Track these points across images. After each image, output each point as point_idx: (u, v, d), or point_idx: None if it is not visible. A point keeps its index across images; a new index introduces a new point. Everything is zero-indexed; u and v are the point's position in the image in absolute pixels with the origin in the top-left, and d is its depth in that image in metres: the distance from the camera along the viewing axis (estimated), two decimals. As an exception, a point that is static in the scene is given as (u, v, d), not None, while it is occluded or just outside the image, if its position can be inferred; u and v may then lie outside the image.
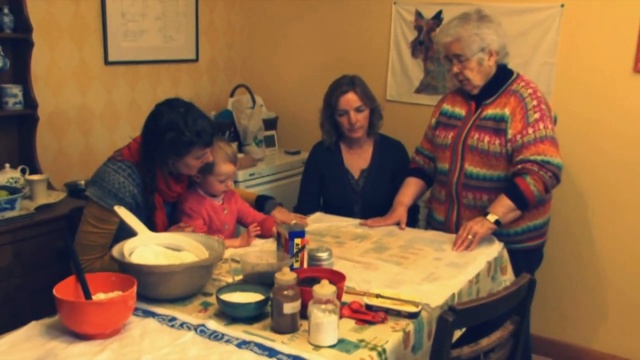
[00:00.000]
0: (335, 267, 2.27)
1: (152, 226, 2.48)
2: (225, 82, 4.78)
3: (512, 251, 2.83)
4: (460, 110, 2.99)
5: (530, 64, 3.68)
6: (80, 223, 2.47)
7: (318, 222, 3.05)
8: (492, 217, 2.71)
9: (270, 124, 4.50)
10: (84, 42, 3.75)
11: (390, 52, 4.25)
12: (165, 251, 2.21)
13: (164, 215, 2.58)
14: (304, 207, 3.38)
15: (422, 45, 4.12)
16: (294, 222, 2.68)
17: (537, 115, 2.76)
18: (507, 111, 2.81)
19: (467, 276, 2.40)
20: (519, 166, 2.73)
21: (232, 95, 4.53)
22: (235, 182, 3.92)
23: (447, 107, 3.07)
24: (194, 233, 2.41)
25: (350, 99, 3.22)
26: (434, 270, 2.44)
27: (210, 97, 4.67)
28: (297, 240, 2.33)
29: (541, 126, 2.74)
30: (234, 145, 4.05)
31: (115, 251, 2.13)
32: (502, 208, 2.72)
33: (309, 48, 4.63)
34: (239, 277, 2.23)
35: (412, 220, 3.21)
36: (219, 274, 2.33)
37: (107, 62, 3.88)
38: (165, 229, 2.56)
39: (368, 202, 3.31)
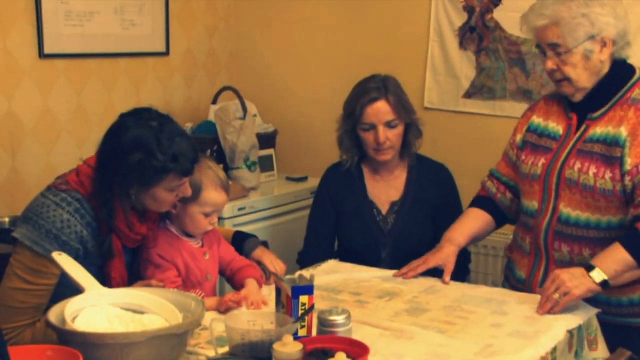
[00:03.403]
0: (355, 336, 2.27)
1: (106, 280, 2.49)
2: (206, 83, 4.82)
3: (616, 327, 2.80)
4: (556, 127, 2.92)
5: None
6: (5, 277, 2.47)
7: (331, 274, 3.05)
8: (598, 276, 2.60)
9: (266, 140, 4.52)
10: (9, 28, 3.79)
11: (429, 42, 4.28)
12: (122, 314, 2.21)
13: (123, 265, 2.59)
14: (313, 252, 3.39)
15: (474, 33, 4.15)
16: (298, 273, 2.69)
17: None
18: (623, 130, 2.72)
19: (538, 350, 2.37)
20: None
21: (214, 101, 4.56)
22: (219, 219, 3.93)
23: (537, 120, 2.99)
24: (163, 289, 2.42)
25: (381, 110, 3.24)
26: (492, 340, 2.43)
27: (185, 104, 4.70)
28: (303, 299, 2.33)
29: None
30: (217, 168, 4.07)
31: (52, 315, 2.13)
32: (615, 264, 2.62)
33: (319, 38, 4.67)
34: (223, 350, 2.24)
35: (461, 272, 3.21)
36: (196, 345, 2.33)
37: (41, 54, 3.93)
38: (124, 283, 2.57)
39: (400, 245, 3.32)
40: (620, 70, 2.79)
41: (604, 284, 2.61)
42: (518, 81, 4.11)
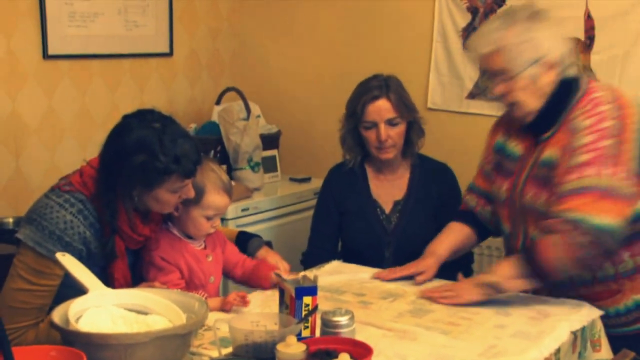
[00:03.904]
0: (358, 336, 2.27)
1: (109, 281, 2.49)
2: (210, 84, 4.82)
3: (611, 337, 2.77)
4: (516, 147, 2.91)
5: (632, 56, 3.73)
6: (8, 277, 2.47)
7: (335, 274, 3.06)
8: (490, 278, 2.68)
9: (270, 141, 4.53)
10: (13, 29, 3.80)
11: (433, 43, 4.28)
12: (126, 314, 2.21)
13: (126, 267, 2.59)
14: (317, 252, 3.40)
15: (478, 33, 4.15)
16: (302, 274, 2.69)
17: (586, 157, 2.60)
18: (557, 153, 2.71)
19: (541, 352, 2.37)
20: (550, 221, 2.61)
21: (218, 102, 4.57)
22: (223, 219, 3.94)
23: (501, 139, 2.99)
24: (166, 290, 2.42)
25: (382, 108, 3.25)
26: (495, 342, 2.43)
27: (188, 105, 4.71)
28: (307, 300, 2.33)
29: (588, 172, 2.58)
30: (220, 169, 4.07)
31: (56, 315, 2.13)
32: (510, 269, 2.66)
33: (323, 39, 4.67)
34: (227, 350, 2.24)
35: (464, 273, 3.20)
36: (199, 346, 2.33)
37: (46, 55, 3.93)
38: (127, 284, 2.57)
39: (403, 245, 3.32)
40: (566, 90, 2.77)
41: (496, 286, 2.65)
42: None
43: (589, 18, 3.90)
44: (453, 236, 3.12)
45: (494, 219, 3.05)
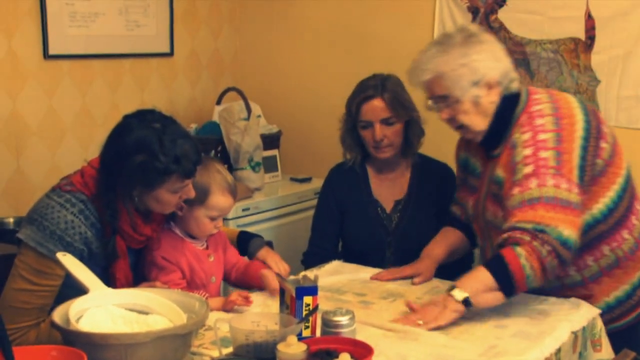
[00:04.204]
0: (359, 336, 2.27)
1: (111, 281, 2.49)
2: (210, 84, 4.83)
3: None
4: (476, 162, 2.95)
5: (633, 56, 3.74)
6: (9, 277, 2.48)
7: (336, 274, 3.06)
8: (459, 294, 2.55)
9: (270, 141, 4.53)
10: (14, 29, 3.80)
11: (434, 42, 4.28)
12: (127, 314, 2.21)
13: (127, 267, 2.60)
14: (317, 252, 3.40)
15: (479, 33, 4.15)
16: (302, 274, 2.70)
17: (528, 170, 2.61)
18: (503, 171, 2.73)
19: (542, 352, 2.38)
20: (506, 235, 2.59)
21: (219, 102, 4.57)
22: (224, 219, 3.93)
23: (463, 155, 3.04)
24: (167, 290, 2.42)
25: (376, 108, 3.26)
26: (496, 342, 2.43)
27: (189, 105, 4.71)
28: (308, 300, 2.33)
29: (532, 184, 2.58)
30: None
31: (57, 315, 2.13)
32: (476, 283, 2.58)
33: (324, 39, 4.68)
34: (227, 350, 2.24)
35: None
36: (200, 346, 2.33)
37: (46, 55, 3.94)
38: (129, 284, 2.58)
39: (404, 244, 3.33)
40: (509, 107, 2.78)
41: (466, 302, 2.57)
42: (523, 82, 4.10)
43: (589, 18, 3.90)
44: (449, 238, 3.15)
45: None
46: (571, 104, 2.75)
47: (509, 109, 2.77)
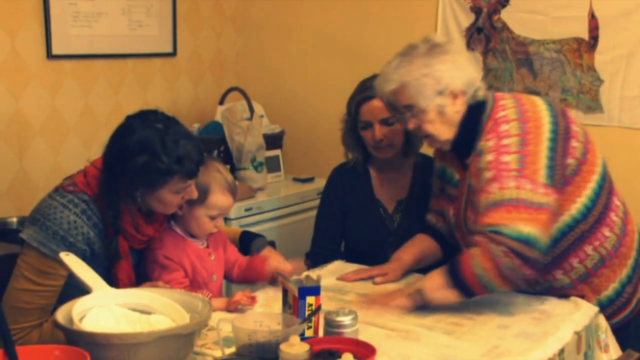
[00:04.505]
0: (362, 336, 2.27)
1: (113, 281, 2.49)
2: (213, 84, 4.83)
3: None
4: (453, 172, 2.95)
5: (636, 56, 3.73)
6: (12, 277, 2.48)
7: (338, 274, 3.06)
8: (417, 286, 2.69)
9: (273, 141, 4.53)
10: (18, 28, 3.80)
11: (437, 42, 4.28)
12: (129, 314, 2.21)
13: (130, 267, 2.60)
14: (320, 252, 3.40)
15: (482, 34, 4.15)
16: (305, 274, 2.70)
17: (490, 175, 2.64)
18: (473, 179, 2.76)
19: (545, 352, 2.37)
20: (472, 239, 2.67)
21: (221, 102, 4.57)
22: (226, 219, 3.94)
23: (439, 165, 3.05)
24: (170, 289, 2.43)
25: (375, 108, 3.25)
26: (499, 342, 2.43)
27: (192, 105, 4.71)
28: (310, 299, 2.34)
29: (494, 188, 2.61)
30: (224, 169, 4.08)
31: (60, 315, 2.13)
32: (436, 280, 2.67)
33: (327, 39, 4.68)
34: (230, 350, 2.24)
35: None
36: (203, 346, 2.33)
37: (50, 55, 3.94)
38: (131, 284, 2.58)
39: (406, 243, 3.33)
40: (475, 114, 2.80)
41: (419, 294, 2.66)
42: (526, 82, 4.11)
43: (592, 18, 3.90)
44: (419, 245, 3.16)
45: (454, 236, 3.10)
46: (538, 106, 2.76)
47: (475, 117, 2.79)
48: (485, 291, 2.63)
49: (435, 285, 2.65)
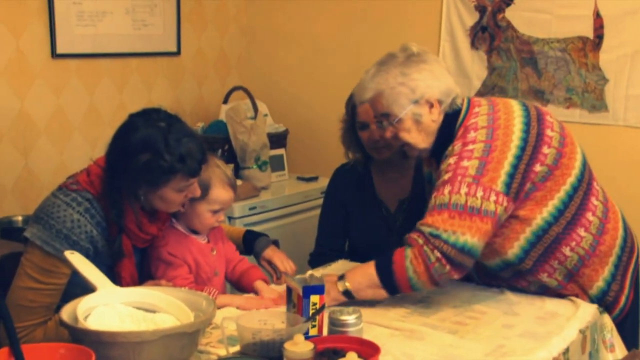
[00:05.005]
0: (366, 335, 2.27)
1: (117, 280, 2.49)
2: (217, 83, 4.83)
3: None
4: (437, 178, 2.93)
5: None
6: (16, 276, 2.48)
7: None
8: (342, 284, 2.68)
9: (277, 140, 4.53)
10: (23, 28, 3.81)
11: (441, 42, 4.28)
12: (134, 313, 2.22)
13: (133, 265, 2.60)
14: (324, 253, 3.40)
15: (486, 32, 4.15)
16: (309, 273, 2.70)
17: (446, 177, 2.66)
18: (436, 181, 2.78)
19: (550, 352, 2.37)
20: (408, 235, 2.67)
21: (225, 101, 4.57)
22: (230, 218, 3.94)
23: (427, 169, 3.07)
24: (174, 288, 2.43)
25: (371, 109, 3.24)
26: (503, 341, 2.43)
27: (196, 104, 4.72)
28: (314, 298, 2.34)
29: (446, 190, 2.62)
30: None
31: (65, 313, 2.14)
32: (362, 277, 2.69)
33: (330, 38, 4.68)
34: (234, 349, 2.24)
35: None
36: (207, 344, 2.34)
37: (54, 54, 3.95)
38: (135, 283, 2.58)
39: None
40: (452, 122, 2.81)
41: (346, 293, 2.67)
42: (530, 81, 4.11)
43: (597, 17, 3.90)
44: None
45: None
46: (512, 113, 2.76)
47: (451, 124, 2.80)
48: (412, 290, 2.66)
49: (362, 284, 2.67)
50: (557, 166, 2.69)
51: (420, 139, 2.79)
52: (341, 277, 2.69)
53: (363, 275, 2.68)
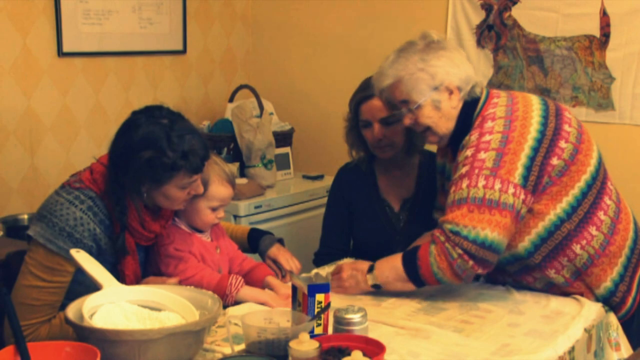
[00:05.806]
0: (371, 334, 2.27)
1: (120, 278, 2.49)
2: (223, 81, 4.84)
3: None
4: (451, 168, 2.95)
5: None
6: (20, 274, 2.49)
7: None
8: (372, 278, 2.79)
9: (283, 138, 4.53)
10: (30, 26, 3.82)
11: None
12: (140, 311, 2.22)
13: (136, 263, 2.60)
14: (329, 252, 3.40)
15: (492, 31, 4.15)
16: (314, 271, 2.70)
17: (463, 170, 2.68)
18: (453, 173, 2.80)
19: (555, 350, 2.37)
20: (432, 232, 2.72)
21: (231, 99, 4.57)
22: (235, 217, 3.95)
23: (440, 161, 3.08)
24: (179, 286, 2.43)
25: (374, 107, 3.23)
26: (509, 340, 2.43)
27: (202, 102, 4.72)
28: (320, 297, 2.34)
29: (464, 184, 2.64)
30: (234, 166, 4.08)
31: (71, 311, 2.14)
32: (389, 271, 2.76)
33: (336, 36, 4.68)
34: (240, 347, 2.25)
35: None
36: (212, 343, 2.34)
37: (61, 53, 3.96)
38: (138, 281, 2.59)
39: (413, 242, 3.32)
40: (470, 111, 2.83)
41: (375, 286, 2.78)
42: (536, 79, 4.10)
43: (604, 15, 3.89)
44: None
45: None
46: (530, 105, 2.78)
47: (469, 113, 2.82)
48: (440, 284, 2.71)
49: (389, 278, 2.75)
50: (573, 161, 2.70)
51: (441, 124, 2.81)
52: (370, 270, 2.78)
53: (391, 270, 2.75)
